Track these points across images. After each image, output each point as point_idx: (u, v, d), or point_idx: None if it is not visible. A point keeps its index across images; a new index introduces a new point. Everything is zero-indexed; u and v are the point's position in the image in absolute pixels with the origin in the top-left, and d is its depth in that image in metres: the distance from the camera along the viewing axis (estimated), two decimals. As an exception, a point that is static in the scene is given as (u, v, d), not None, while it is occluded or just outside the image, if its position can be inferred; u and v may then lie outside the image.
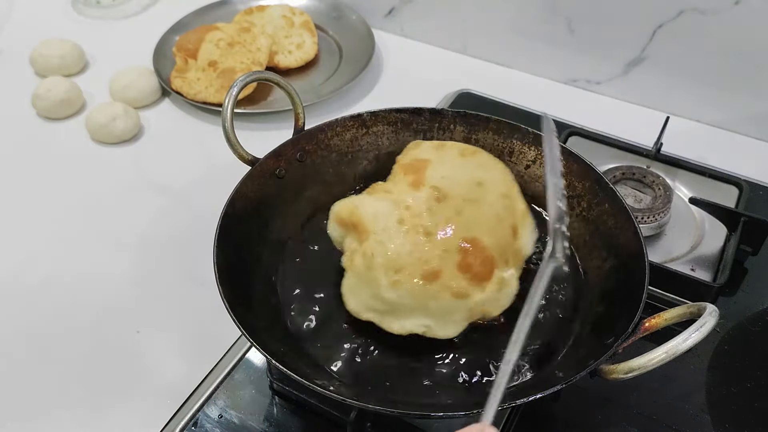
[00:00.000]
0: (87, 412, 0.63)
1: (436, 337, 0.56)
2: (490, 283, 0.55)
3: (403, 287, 0.54)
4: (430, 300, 0.54)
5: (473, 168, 0.61)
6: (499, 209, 0.58)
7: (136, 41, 1.08)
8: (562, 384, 0.49)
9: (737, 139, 0.92)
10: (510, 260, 0.57)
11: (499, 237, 0.56)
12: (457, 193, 0.58)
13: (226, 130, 0.63)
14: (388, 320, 0.56)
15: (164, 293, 0.73)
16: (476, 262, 0.54)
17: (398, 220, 0.56)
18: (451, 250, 0.54)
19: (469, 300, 0.54)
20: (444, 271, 0.54)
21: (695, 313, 0.50)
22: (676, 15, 0.87)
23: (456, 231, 0.55)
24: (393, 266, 0.54)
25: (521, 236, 0.59)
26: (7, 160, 0.90)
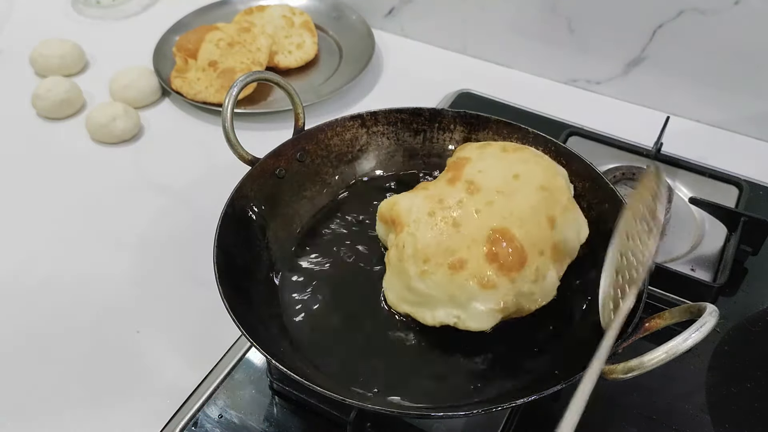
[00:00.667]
0: (87, 412, 0.63)
1: (468, 329, 0.55)
2: (522, 275, 0.54)
3: (431, 277, 0.54)
4: (456, 289, 0.54)
5: (513, 162, 0.61)
6: (535, 201, 0.57)
7: (136, 41, 1.08)
8: (562, 384, 0.49)
9: (737, 139, 0.92)
10: (547, 253, 0.56)
11: (532, 228, 0.56)
12: (491, 186, 0.58)
13: (226, 130, 0.63)
14: (421, 312, 0.56)
15: (164, 293, 0.73)
16: (504, 252, 0.54)
17: (429, 212, 0.57)
18: (479, 241, 0.54)
19: (497, 291, 0.54)
20: (470, 260, 0.54)
21: (695, 313, 0.50)
22: (676, 15, 0.87)
23: (485, 222, 0.55)
24: (421, 256, 0.55)
25: (560, 229, 0.57)
26: (7, 160, 0.90)
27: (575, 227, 0.59)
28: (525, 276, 0.54)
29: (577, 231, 0.59)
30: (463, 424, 0.60)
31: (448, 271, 0.54)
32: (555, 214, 0.57)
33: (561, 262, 0.57)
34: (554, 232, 0.57)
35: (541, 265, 0.55)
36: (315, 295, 0.62)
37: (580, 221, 0.60)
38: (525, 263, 0.54)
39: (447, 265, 0.54)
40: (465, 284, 0.54)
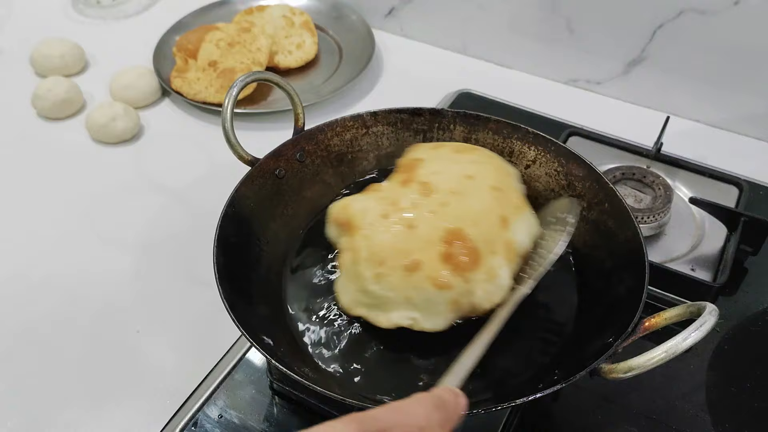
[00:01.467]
0: (87, 412, 0.63)
1: (423, 329, 0.55)
2: (476, 274, 0.54)
3: (386, 279, 0.54)
4: (412, 291, 0.54)
5: (466, 163, 0.61)
6: (488, 201, 0.57)
7: (136, 41, 1.08)
8: (562, 383, 0.49)
9: (737, 139, 0.92)
10: (500, 252, 0.56)
11: (485, 228, 0.56)
12: (445, 187, 0.58)
13: (226, 130, 0.63)
14: (375, 314, 0.56)
15: (164, 293, 0.73)
16: (459, 252, 0.54)
17: (383, 214, 0.57)
18: (434, 242, 0.54)
19: (452, 291, 0.54)
20: (425, 261, 0.54)
21: (695, 312, 0.50)
22: (676, 15, 0.87)
23: (440, 223, 0.55)
24: (376, 259, 0.55)
25: (513, 228, 0.57)
26: (7, 160, 0.90)
27: (527, 227, 0.59)
28: (479, 275, 0.54)
29: (529, 230, 0.60)
30: (463, 424, 0.59)
31: (404, 273, 0.54)
32: (508, 214, 0.58)
33: (514, 262, 0.57)
34: (506, 231, 0.57)
35: (495, 265, 0.55)
36: (315, 294, 0.62)
37: (532, 221, 0.60)
38: (479, 263, 0.54)
39: (402, 267, 0.54)
40: (420, 285, 0.54)
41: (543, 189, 0.69)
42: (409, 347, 0.59)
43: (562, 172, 0.68)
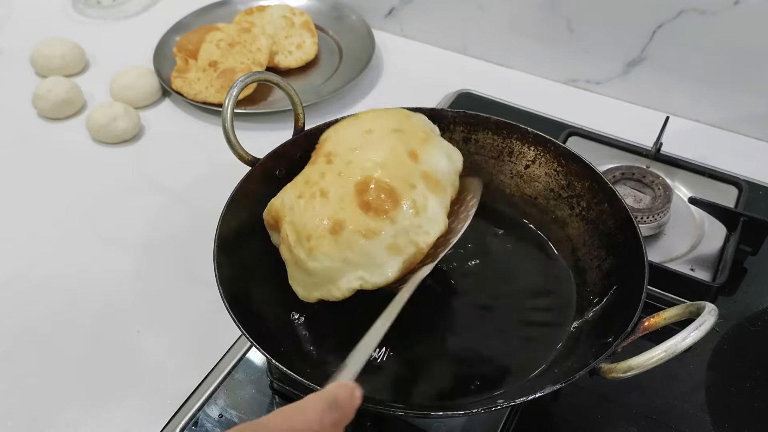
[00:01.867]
0: (87, 412, 0.64)
1: (376, 285, 0.55)
2: (401, 212, 0.54)
3: (318, 251, 0.54)
4: (346, 251, 0.54)
5: (365, 121, 0.61)
6: (390, 143, 0.57)
7: (136, 41, 1.08)
8: (562, 383, 0.49)
9: (737, 139, 0.92)
10: (419, 184, 0.55)
11: (394, 167, 0.56)
12: (346, 148, 0.58)
13: (226, 130, 0.63)
14: (328, 290, 0.56)
15: (164, 293, 0.73)
16: (375, 196, 0.54)
17: (298, 195, 0.57)
18: (348, 197, 0.55)
19: (384, 235, 0.54)
20: (346, 218, 0.54)
21: (694, 312, 0.50)
22: (676, 15, 0.87)
23: (349, 179, 0.55)
24: (303, 237, 0.55)
25: (425, 159, 0.57)
26: (7, 160, 0.90)
27: (443, 155, 0.59)
28: (404, 212, 0.54)
29: (448, 158, 0.59)
30: (463, 424, 0.60)
31: (331, 237, 0.54)
32: (415, 147, 0.57)
33: (441, 193, 0.57)
34: (419, 164, 0.57)
35: (418, 197, 0.55)
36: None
37: (447, 149, 0.59)
38: (398, 199, 0.54)
39: (328, 232, 0.54)
40: (351, 242, 0.54)
41: (543, 189, 0.69)
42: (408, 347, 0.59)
43: (561, 172, 0.68)
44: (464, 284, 0.64)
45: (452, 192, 0.58)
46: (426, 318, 0.61)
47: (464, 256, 0.67)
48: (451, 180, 0.59)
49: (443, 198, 0.57)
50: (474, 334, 0.60)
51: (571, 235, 0.66)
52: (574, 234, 0.66)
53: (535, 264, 0.66)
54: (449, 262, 0.66)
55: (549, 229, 0.68)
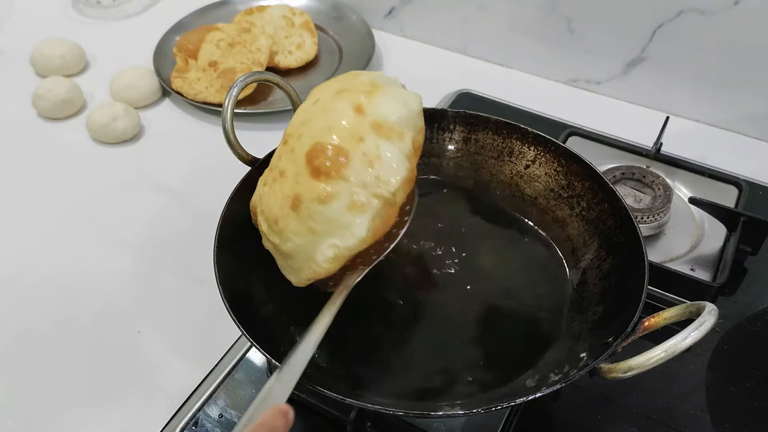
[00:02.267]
0: (87, 412, 0.64)
1: (351, 249, 0.53)
2: (353, 167, 0.52)
3: (286, 231, 0.54)
4: (310, 222, 0.53)
5: (314, 95, 0.60)
6: (333, 106, 0.55)
7: (136, 41, 1.08)
8: (562, 383, 0.49)
9: (737, 139, 0.92)
10: (368, 135, 0.54)
11: (338, 127, 0.54)
12: (297, 125, 0.57)
13: (226, 130, 0.63)
14: (310, 268, 0.55)
15: (164, 293, 0.73)
16: (322, 160, 0.52)
17: (263, 183, 0.58)
18: (301, 170, 0.53)
19: (341, 196, 0.52)
20: (302, 191, 0.53)
21: (694, 312, 0.50)
22: (676, 15, 0.87)
23: (300, 153, 0.54)
24: (271, 221, 0.55)
25: (370, 110, 0.54)
26: (7, 160, 0.90)
27: (393, 101, 0.56)
28: (356, 167, 0.52)
29: (401, 103, 0.56)
30: (463, 424, 0.60)
31: (293, 212, 0.53)
32: (359, 101, 0.55)
33: (397, 139, 0.55)
34: (366, 115, 0.54)
35: (368, 149, 0.53)
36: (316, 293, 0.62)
37: (399, 95, 0.57)
38: (348, 155, 0.52)
39: (289, 209, 0.53)
40: (311, 212, 0.53)
41: (543, 189, 0.69)
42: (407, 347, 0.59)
43: (561, 172, 0.68)
44: (464, 284, 0.64)
45: (416, 135, 0.56)
46: (425, 318, 0.61)
47: (464, 256, 0.67)
48: (411, 124, 0.56)
49: (401, 143, 0.55)
50: (473, 333, 0.60)
51: (571, 235, 0.66)
52: (574, 234, 0.66)
53: (535, 264, 0.66)
54: (449, 261, 0.66)
55: (549, 229, 0.68)
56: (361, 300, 0.62)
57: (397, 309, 0.63)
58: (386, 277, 0.65)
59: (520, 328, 0.61)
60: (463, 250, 0.67)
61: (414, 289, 0.64)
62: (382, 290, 0.64)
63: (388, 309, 0.63)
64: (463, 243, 0.68)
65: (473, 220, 0.70)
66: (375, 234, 0.54)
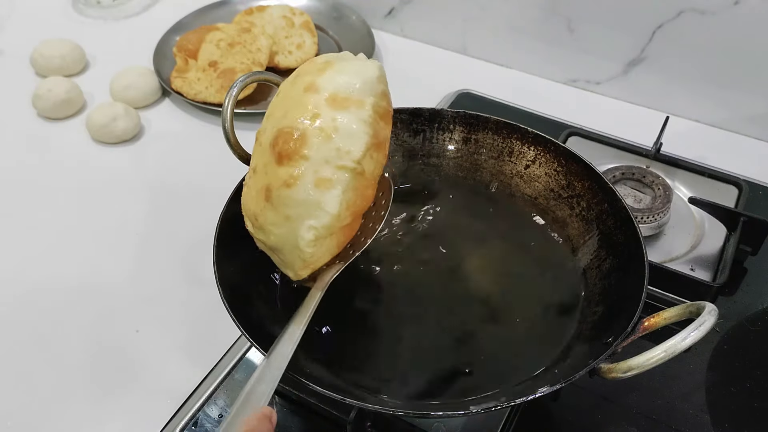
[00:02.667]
0: (87, 412, 0.64)
1: (329, 228, 0.53)
2: (310, 145, 0.52)
3: (266, 225, 0.54)
4: (283, 209, 0.53)
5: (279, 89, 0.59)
6: (289, 92, 0.55)
7: (136, 41, 1.08)
8: (562, 383, 0.49)
9: (737, 139, 0.92)
10: (321, 111, 0.53)
11: (293, 109, 0.53)
12: (264, 120, 0.57)
13: (226, 130, 0.63)
14: (300, 258, 0.55)
15: (164, 293, 0.73)
16: (281, 145, 0.52)
17: (244, 185, 0.58)
18: (268, 161, 0.54)
19: (305, 176, 0.52)
20: (270, 180, 0.53)
21: (694, 312, 0.50)
22: (676, 15, 0.87)
23: (265, 144, 0.54)
24: (251, 219, 0.56)
25: (323, 85, 0.54)
26: (7, 160, 0.90)
27: (345, 72, 0.55)
28: (314, 143, 0.52)
29: (354, 73, 0.55)
30: (463, 424, 0.60)
31: (267, 204, 0.53)
32: (311, 80, 0.54)
33: (354, 107, 0.53)
34: (319, 92, 0.53)
35: (325, 123, 0.52)
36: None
37: (353, 66, 0.56)
38: (305, 135, 0.52)
39: (263, 202, 0.54)
40: (282, 198, 0.52)
41: (543, 189, 0.69)
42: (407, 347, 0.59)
43: (561, 172, 0.68)
44: (463, 284, 0.64)
45: (377, 101, 0.55)
46: (424, 318, 0.61)
47: (463, 256, 0.67)
48: (368, 90, 0.54)
49: (359, 111, 0.54)
50: (473, 333, 0.60)
51: (571, 235, 0.66)
52: (574, 234, 0.66)
53: (534, 264, 0.66)
54: (449, 261, 0.66)
55: (549, 229, 0.68)
56: (361, 300, 0.63)
57: (397, 309, 0.62)
58: (386, 278, 0.65)
59: (519, 328, 0.61)
60: (463, 251, 0.67)
61: (414, 290, 0.64)
62: (382, 290, 0.64)
63: (388, 309, 0.63)
64: (463, 243, 0.68)
65: (473, 220, 0.70)
66: (353, 208, 0.53)
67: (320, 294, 0.53)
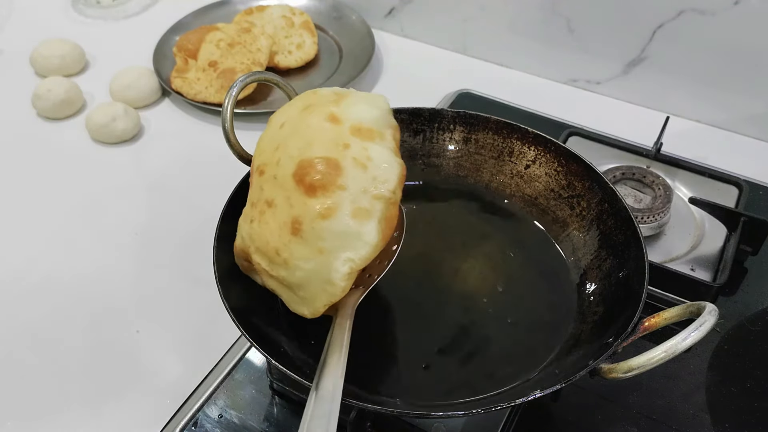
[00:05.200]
0: (87, 412, 0.63)
1: (366, 258, 0.51)
2: (347, 175, 0.51)
3: (293, 258, 0.51)
4: (317, 242, 0.50)
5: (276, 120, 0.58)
6: (305, 122, 0.54)
7: (136, 41, 1.08)
8: (562, 383, 0.49)
9: (737, 139, 0.92)
10: (351, 142, 0.52)
11: (318, 138, 0.52)
12: (269, 152, 0.55)
13: (226, 130, 0.63)
14: (327, 292, 0.52)
15: (164, 293, 0.73)
16: (313, 176, 0.51)
17: (250, 221, 0.55)
18: (293, 192, 0.51)
19: (343, 207, 0.50)
20: (300, 212, 0.51)
21: (695, 312, 0.50)
22: (676, 15, 0.87)
23: (283, 176, 0.52)
24: (271, 255, 0.52)
25: (345, 116, 0.53)
26: (7, 161, 0.90)
27: (363, 104, 0.55)
28: (350, 173, 0.51)
29: (370, 104, 0.55)
30: (463, 424, 0.60)
31: (296, 238, 0.51)
32: (331, 111, 0.54)
33: (379, 138, 0.53)
34: (343, 122, 0.53)
35: (357, 153, 0.52)
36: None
37: (365, 98, 0.56)
38: (339, 165, 0.51)
39: (289, 236, 0.51)
40: (316, 231, 0.50)
41: (543, 189, 0.69)
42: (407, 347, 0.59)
43: (561, 172, 0.68)
44: (463, 284, 0.64)
45: (394, 132, 0.55)
46: (424, 318, 0.61)
47: (463, 256, 0.67)
48: (386, 122, 0.55)
49: (384, 142, 0.53)
50: (473, 333, 0.60)
51: (571, 235, 0.66)
52: (574, 234, 0.66)
53: (534, 264, 0.66)
54: (449, 262, 0.66)
55: (549, 229, 0.68)
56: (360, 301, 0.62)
57: (396, 310, 0.63)
58: (386, 279, 0.65)
59: (520, 328, 0.61)
60: (463, 251, 0.67)
61: (413, 290, 0.64)
62: (382, 291, 0.64)
63: (388, 310, 0.63)
64: (463, 243, 0.68)
65: (473, 220, 0.70)
66: (384, 237, 0.52)
67: (349, 322, 0.51)
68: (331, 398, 0.45)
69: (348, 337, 0.50)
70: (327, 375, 0.47)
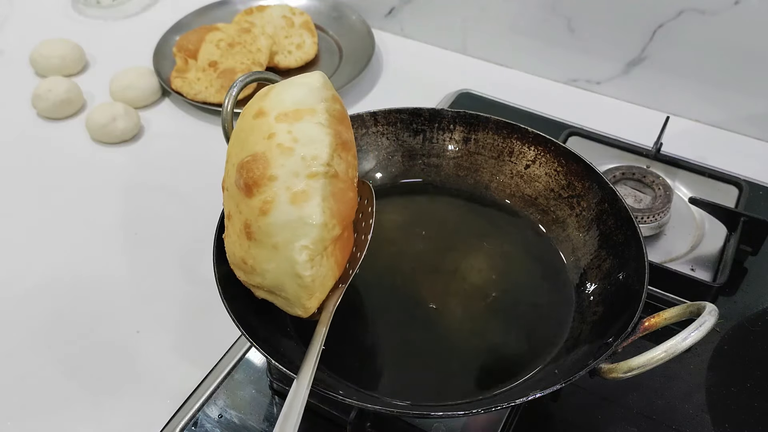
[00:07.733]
0: (87, 412, 0.63)
1: (323, 240, 0.51)
2: (273, 164, 0.50)
3: (257, 264, 0.52)
4: (269, 240, 0.50)
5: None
6: (239, 128, 0.55)
7: (136, 41, 1.08)
8: (562, 383, 0.49)
9: (737, 139, 0.92)
10: (278, 128, 0.51)
11: (248, 139, 0.52)
12: (225, 168, 0.56)
13: (225, 130, 0.63)
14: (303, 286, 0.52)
15: (164, 293, 0.73)
16: (247, 176, 0.50)
17: (226, 237, 0.56)
18: (239, 200, 0.52)
19: (278, 197, 0.50)
20: (246, 216, 0.51)
21: (695, 312, 0.50)
22: (676, 15, 0.87)
23: (231, 186, 0.53)
24: (240, 265, 0.54)
25: (270, 107, 0.53)
26: (7, 161, 0.90)
27: (287, 89, 0.54)
28: (278, 161, 0.50)
29: (296, 85, 0.54)
30: (463, 424, 0.60)
31: (251, 242, 0.51)
32: (258, 107, 0.53)
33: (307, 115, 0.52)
34: (267, 115, 0.52)
35: (281, 139, 0.51)
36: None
37: (291, 82, 0.55)
38: (265, 157, 0.50)
39: (246, 241, 0.52)
40: (263, 229, 0.50)
41: (543, 189, 0.69)
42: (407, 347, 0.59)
43: (561, 172, 0.68)
44: (463, 284, 0.64)
45: (330, 105, 0.54)
46: (423, 318, 0.61)
47: (463, 256, 0.67)
48: (316, 97, 0.53)
49: (312, 117, 0.52)
50: (473, 333, 0.60)
51: (571, 235, 0.66)
52: (574, 234, 0.66)
53: (534, 264, 0.66)
54: (449, 261, 0.66)
55: (549, 229, 0.68)
56: (360, 301, 0.63)
57: (395, 309, 0.63)
58: (385, 279, 0.65)
59: (520, 328, 0.61)
60: (463, 250, 0.67)
61: (413, 290, 0.64)
62: (381, 291, 0.64)
63: (387, 310, 0.63)
64: (463, 243, 0.68)
65: (473, 220, 0.70)
66: (338, 215, 0.51)
67: (325, 329, 0.51)
68: (306, 385, 0.47)
69: (325, 331, 0.51)
70: (304, 366, 0.48)
